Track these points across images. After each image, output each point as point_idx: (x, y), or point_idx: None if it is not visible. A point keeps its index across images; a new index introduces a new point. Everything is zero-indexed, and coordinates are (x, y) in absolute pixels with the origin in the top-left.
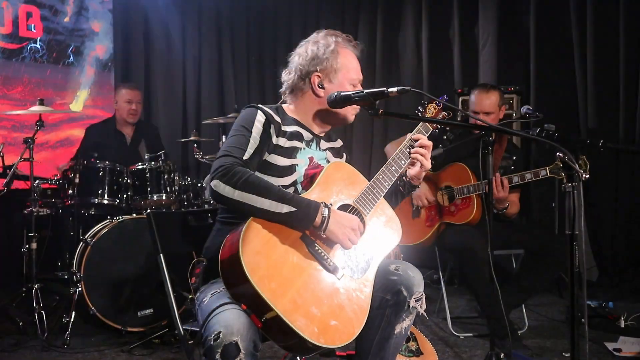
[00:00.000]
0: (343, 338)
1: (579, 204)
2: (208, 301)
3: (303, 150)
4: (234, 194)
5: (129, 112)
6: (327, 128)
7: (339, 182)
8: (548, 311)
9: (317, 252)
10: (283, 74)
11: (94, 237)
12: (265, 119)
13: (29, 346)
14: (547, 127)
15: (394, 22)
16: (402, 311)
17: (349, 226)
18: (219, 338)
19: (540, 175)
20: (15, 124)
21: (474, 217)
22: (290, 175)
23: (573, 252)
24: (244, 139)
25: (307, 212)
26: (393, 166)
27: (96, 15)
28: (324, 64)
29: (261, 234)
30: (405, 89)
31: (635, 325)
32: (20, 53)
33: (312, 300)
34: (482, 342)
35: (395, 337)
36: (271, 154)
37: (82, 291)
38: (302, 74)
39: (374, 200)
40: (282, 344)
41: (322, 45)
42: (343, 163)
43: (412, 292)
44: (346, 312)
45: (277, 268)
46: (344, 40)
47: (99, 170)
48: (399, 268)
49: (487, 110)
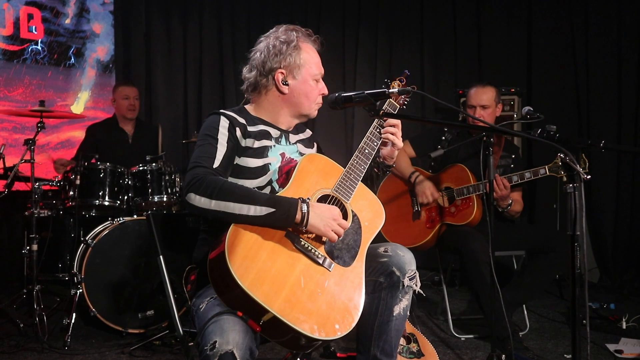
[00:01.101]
0: (343, 328)
1: (580, 205)
2: (204, 308)
3: (273, 147)
4: (211, 204)
5: (127, 108)
6: (293, 123)
7: (314, 174)
8: (549, 312)
9: (304, 246)
10: (244, 70)
11: (94, 238)
12: (229, 123)
13: (30, 348)
14: (548, 128)
15: (394, 23)
16: (397, 292)
17: (329, 217)
18: (215, 348)
19: (539, 174)
20: (17, 126)
21: (474, 217)
22: (264, 176)
23: (574, 253)
24: (211, 147)
25: (287, 211)
26: (366, 149)
27: (97, 16)
28: (287, 60)
29: (245, 238)
30: (406, 90)
31: (637, 326)
32: (22, 55)
33: (306, 296)
34: (483, 344)
35: (395, 319)
36: (241, 156)
37: (82, 293)
38: (265, 70)
39: (352, 186)
40: (284, 343)
41: (284, 40)
42: (316, 155)
43: (404, 271)
44: (342, 302)
45: (266, 270)
46: (304, 35)
47: (100, 171)
48: (388, 249)
49: (483, 103)
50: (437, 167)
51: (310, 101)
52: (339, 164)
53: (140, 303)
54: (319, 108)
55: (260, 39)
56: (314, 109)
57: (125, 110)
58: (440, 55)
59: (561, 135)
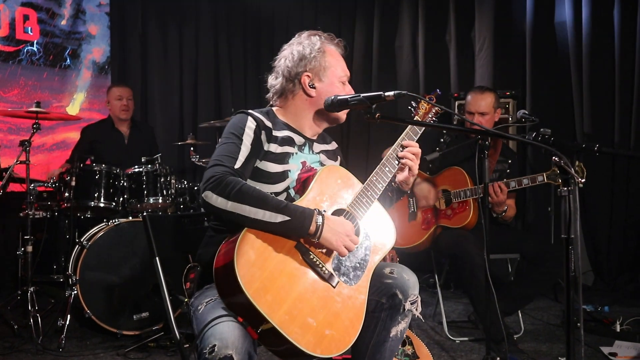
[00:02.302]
0: (339, 347)
1: (575, 208)
2: (203, 310)
3: (295, 155)
4: (227, 205)
5: (120, 109)
6: (320, 129)
7: (332, 186)
8: (544, 315)
9: (312, 260)
10: (270, 78)
11: (89, 240)
12: (256, 125)
13: (24, 349)
14: (543, 132)
15: (390, 27)
16: (397, 314)
17: (343, 232)
18: (214, 351)
19: (537, 181)
20: (12, 127)
21: (470, 220)
22: (282, 182)
23: (569, 256)
24: (235, 147)
25: (302, 221)
26: (386, 167)
27: (93, 18)
28: (312, 63)
29: (256, 245)
30: (402, 93)
31: (631, 329)
32: (17, 56)
33: (308, 311)
34: (477, 346)
35: (391, 341)
36: (262, 160)
37: (77, 294)
38: (291, 75)
39: (368, 203)
40: (278, 353)
41: (307, 45)
42: (337, 166)
43: (407, 295)
44: (342, 321)
45: (272, 279)
46: (327, 39)
47: (95, 173)
48: (394, 271)
49: (481, 110)
50: (435, 169)
51: None
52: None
53: (135, 305)
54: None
55: (284, 47)
56: (343, 113)
57: (119, 110)
58: (436, 58)
59: (556, 138)
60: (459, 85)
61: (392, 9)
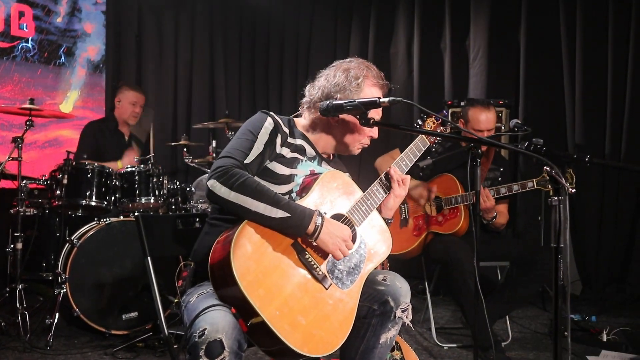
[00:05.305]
0: (327, 348)
1: (565, 218)
2: (195, 301)
3: (304, 162)
4: (230, 195)
5: (131, 114)
6: (330, 151)
7: (333, 191)
8: (531, 323)
9: (308, 260)
10: (308, 86)
11: (80, 238)
12: (274, 126)
13: (11, 347)
14: (535, 141)
15: (385, 34)
16: (388, 321)
17: (340, 236)
18: (204, 335)
19: (527, 187)
20: (4, 123)
21: (461, 227)
22: (287, 184)
23: (558, 265)
24: (248, 143)
25: (301, 219)
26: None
27: (89, 16)
28: (346, 94)
29: (253, 239)
30: (397, 100)
31: (618, 339)
32: (11, 52)
33: (298, 309)
34: (465, 353)
35: (380, 347)
36: (273, 161)
37: (66, 292)
38: (323, 95)
39: (367, 211)
40: (266, 350)
41: (351, 75)
42: (339, 172)
43: (399, 303)
44: (331, 323)
45: (266, 274)
46: (374, 76)
47: (88, 171)
48: (387, 278)
49: (491, 127)
50: (426, 177)
51: (353, 139)
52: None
53: (124, 304)
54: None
55: (334, 64)
56: (356, 148)
57: (129, 115)
58: (430, 66)
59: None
60: (453, 93)
61: (388, 15)
